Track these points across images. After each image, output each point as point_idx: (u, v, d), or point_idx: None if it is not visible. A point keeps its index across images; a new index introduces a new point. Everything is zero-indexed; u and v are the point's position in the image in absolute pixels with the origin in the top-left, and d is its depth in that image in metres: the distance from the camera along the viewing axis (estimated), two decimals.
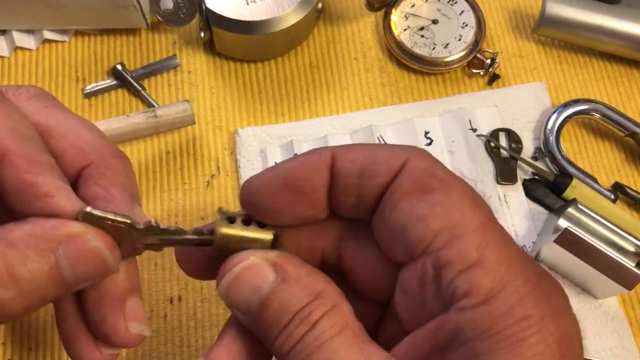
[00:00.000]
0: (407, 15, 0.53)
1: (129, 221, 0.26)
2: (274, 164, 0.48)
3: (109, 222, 0.26)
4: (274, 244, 0.27)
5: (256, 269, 0.25)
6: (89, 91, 0.51)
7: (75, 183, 0.29)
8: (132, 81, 0.51)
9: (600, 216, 0.45)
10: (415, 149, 0.26)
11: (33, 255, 0.25)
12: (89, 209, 0.26)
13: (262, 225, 0.27)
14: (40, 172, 0.26)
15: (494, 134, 0.50)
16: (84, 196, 0.28)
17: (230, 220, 0.27)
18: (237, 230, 0.27)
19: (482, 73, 0.52)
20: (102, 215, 0.26)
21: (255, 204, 0.27)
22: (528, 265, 0.24)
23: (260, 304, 0.24)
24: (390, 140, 0.49)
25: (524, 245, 0.47)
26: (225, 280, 0.25)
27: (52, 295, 0.26)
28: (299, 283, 0.24)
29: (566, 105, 0.49)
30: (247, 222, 0.27)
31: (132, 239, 0.27)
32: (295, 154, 0.47)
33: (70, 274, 0.25)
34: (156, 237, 0.27)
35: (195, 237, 0.27)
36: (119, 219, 0.26)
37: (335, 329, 0.23)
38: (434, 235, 0.23)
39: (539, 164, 0.49)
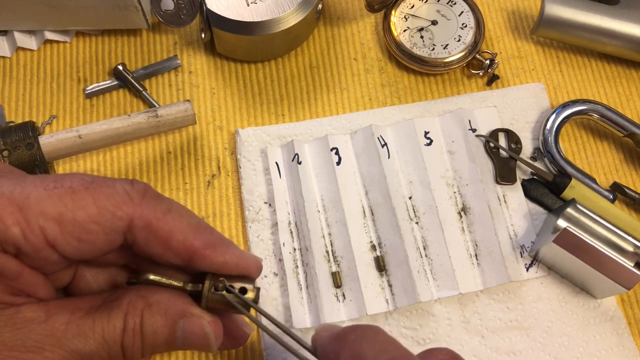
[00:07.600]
0: (406, 16, 0.53)
1: (179, 284, 0.32)
2: (275, 164, 0.48)
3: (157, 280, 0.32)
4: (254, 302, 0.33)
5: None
6: (90, 91, 0.51)
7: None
8: (133, 81, 0.51)
9: (599, 216, 0.45)
10: None
11: (161, 319, 0.31)
12: (150, 276, 0.32)
13: (243, 291, 0.33)
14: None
15: (494, 134, 0.50)
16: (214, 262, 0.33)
17: (216, 288, 0.32)
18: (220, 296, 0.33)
19: (481, 74, 0.52)
20: (157, 279, 0.32)
21: None
22: None
23: None
24: (391, 140, 0.49)
25: (523, 245, 0.47)
26: None
27: (160, 350, 0.32)
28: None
29: (565, 105, 0.50)
30: (229, 291, 0.32)
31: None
32: (296, 155, 0.47)
33: (180, 342, 0.32)
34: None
35: (190, 288, 0.33)
36: (173, 283, 0.32)
37: None
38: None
39: (538, 164, 0.50)
